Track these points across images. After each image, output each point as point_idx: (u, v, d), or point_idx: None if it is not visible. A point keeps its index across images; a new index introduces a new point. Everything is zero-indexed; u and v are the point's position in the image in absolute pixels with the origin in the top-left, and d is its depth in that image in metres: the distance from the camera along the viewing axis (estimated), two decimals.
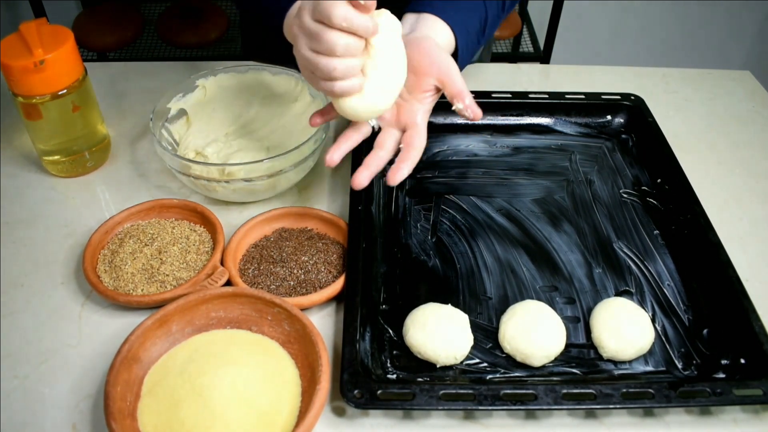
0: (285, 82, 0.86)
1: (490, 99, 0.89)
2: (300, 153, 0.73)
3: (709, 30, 2.26)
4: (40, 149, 0.80)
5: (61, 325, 0.65)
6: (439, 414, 0.59)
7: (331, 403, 0.60)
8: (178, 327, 0.61)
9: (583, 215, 0.78)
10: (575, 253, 0.73)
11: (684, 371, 0.62)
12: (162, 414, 0.55)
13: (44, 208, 0.78)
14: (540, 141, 0.88)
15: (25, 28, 0.72)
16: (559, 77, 1.02)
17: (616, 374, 0.62)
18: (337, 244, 0.72)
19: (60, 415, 0.58)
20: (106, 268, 0.68)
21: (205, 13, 1.88)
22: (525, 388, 0.57)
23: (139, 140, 0.87)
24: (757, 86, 1.02)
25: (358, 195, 0.73)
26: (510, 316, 0.64)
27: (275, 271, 0.68)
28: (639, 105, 0.89)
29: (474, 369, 0.62)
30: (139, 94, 0.95)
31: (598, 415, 0.59)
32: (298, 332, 0.60)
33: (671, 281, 0.70)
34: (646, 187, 0.81)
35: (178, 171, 0.74)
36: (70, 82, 0.75)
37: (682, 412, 0.59)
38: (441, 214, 0.77)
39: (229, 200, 0.78)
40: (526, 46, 2.00)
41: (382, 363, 0.62)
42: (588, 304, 0.68)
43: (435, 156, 0.85)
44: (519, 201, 0.79)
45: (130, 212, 0.73)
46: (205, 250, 0.71)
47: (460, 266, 0.72)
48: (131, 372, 0.57)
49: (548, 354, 0.62)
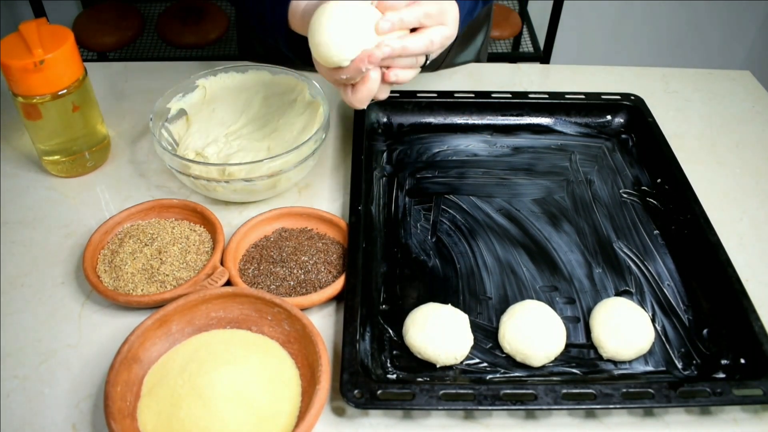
0: (285, 82, 0.86)
1: (490, 99, 0.89)
2: (300, 153, 0.74)
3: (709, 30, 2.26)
4: (40, 149, 0.80)
5: (61, 325, 0.65)
6: (439, 414, 0.59)
7: (331, 403, 0.60)
8: (178, 327, 0.61)
9: (583, 215, 0.78)
10: (575, 253, 0.73)
11: (684, 371, 0.62)
12: (162, 414, 0.56)
13: (44, 208, 0.78)
14: (540, 141, 0.88)
15: (25, 28, 0.72)
16: (559, 77, 1.02)
17: (616, 374, 0.62)
18: (337, 244, 0.72)
19: (60, 415, 0.58)
20: (106, 268, 0.68)
21: (205, 13, 1.88)
22: (525, 388, 0.57)
23: (139, 140, 0.87)
24: (757, 86, 1.02)
25: (358, 195, 0.73)
26: (510, 316, 0.64)
27: (275, 271, 0.68)
28: (639, 105, 0.89)
29: (474, 369, 0.62)
30: (139, 94, 0.95)
31: (598, 415, 0.59)
32: (298, 332, 0.60)
33: (671, 281, 0.70)
34: (646, 187, 0.81)
35: (178, 171, 0.74)
36: (70, 82, 0.75)
37: (682, 412, 0.59)
38: (441, 214, 0.77)
39: (229, 200, 0.78)
40: (526, 46, 2.00)
41: (382, 363, 0.62)
42: (588, 304, 0.68)
43: (435, 156, 0.85)
44: (519, 201, 0.79)
45: (130, 212, 0.73)
46: (205, 250, 0.71)
47: (460, 266, 0.72)
48: (131, 372, 0.57)
49: (548, 354, 0.62)
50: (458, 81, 0.99)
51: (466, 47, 1.02)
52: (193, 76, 0.84)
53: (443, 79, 0.99)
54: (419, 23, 0.61)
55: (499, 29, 1.94)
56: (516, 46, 2.02)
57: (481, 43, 1.04)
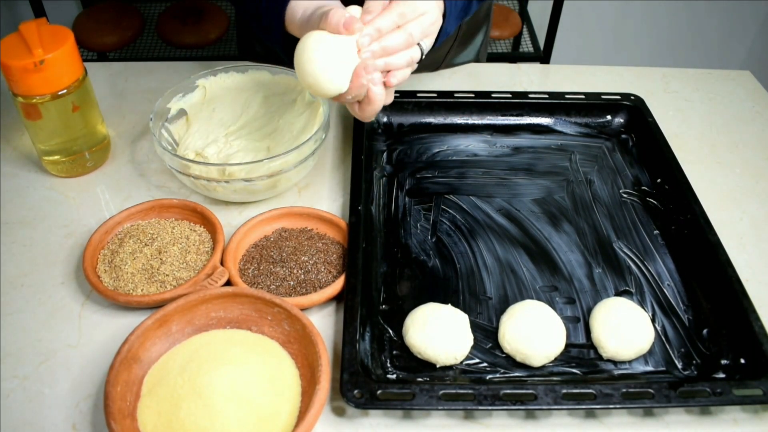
0: (285, 82, 0.86)
1: (490, 99, 0.89)
2: (300, 153, 0.74)
3: (709, 30, 2.26)
4: (40, 149, 0.80)
5: (61, 325, 0.66)
6: (439, 414, 0.59)
7: (331, 403, 0.60)
8: (178, 327, 0.61)
9: (583, 215, 0.78)
10: (575, 253, 0.73)
11: (684, 371, 0.62)
12: (162, 414, 0.56)
13: (44, 208, 0.78)
14: (540, 141, 0.88)
15: (25, 28, 0.72)
16: (559, 77, 1.02)
17: (616, 374, 0.62)
18: (337, 244, 0.72)
19: (60, 415, 0.58)
20: (106, 268, 0.68)
21: (205, 13, 1.88)
22: (525, 388, 0.57)
23: (139, 140, 0.87)
24: (757, 86, 1.02)
25: (358, 195, 0.73)
26: (510, 316, 0.64)
27: (275, 271, 0.68)
28: (639, 105, 0.89)
29: (474, 369, 0.62)
30: (139, 94, 0.95)
31: (598, 415, 0.59)
32: (298, 332, 0.60)
33: (671, 281, 0.70)
34: (646, 187, 0.81)
35: (178, 171, 0.74)
36: (70, 82, 0.75)
37: (682, 412, 0.59)
38: (441, 214, 0.77)
39: (229, 200, 0.78)
40: (526, 46, 2.00)
41: (382, 363, 0.62)
42: (588, 304, 0.68)
43: (435, 156, 0.85)
44: (519, 201, 0.79)
45: (130, 212, 0.73)
46: (205, 250, 0.71)
47: (460, 266, 0.72)
48: (131, 372, 0.58)
49: (548, 354, 0.62)
50: (458, 81, 0.99)
51: (466, 47, 1.03)
52: (193, 76, 0.84)
53: (443, 79, 0.99)
54: (397, 25, 0.63)
55: (499, 29, 1.94)
56: (516, 46, 2.02)
57: (480, 43, 1.05)
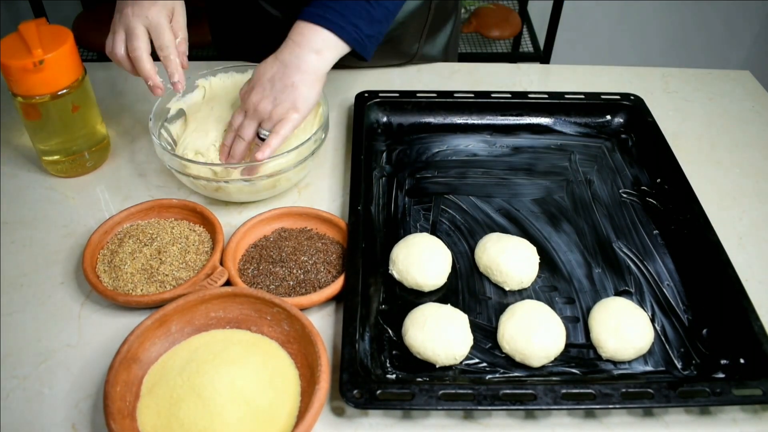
0: None
1: (490, 99, 0.89)
2: (300, 153, 0.74)
3: (709, 30, 2.26)
4: (39, 149, 0.80)
5: (61, 325, 0.66)
6: (438, 414, 0.59)
7: (330, 403, 0.60)
8: (178, 327, 0.61)
9: (583, 215, 0.78)
10: (575, 253, 0.73)
11: (683, 371, 0.62)
12: (161, 414, 0.56)
13: (44, 208, 0.78)
14: (539, 141, 0.88)
15: (25, 28, 0.72)
16: (559, 77, 1.02)
17: (615, 374, 0.62)
18: (336, 244, 0.72)
19: (60, 415, 0.58)
20: (105, 268, 0.68)
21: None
22: (524, 388, 0.57)
23: (138, 140, 0.87)
24: (757, 86, 1.02)
25: (358, 195, 0.73)
26: (509, 316, 0.64)
27: (275, 271, 0.68)
28: (639, 105, 0.89)
29: (473, 369, 0.62)
30: (139, 94, 0.95)
31: (597, 415, 0.59)
32: (298, 332, 0.60)
33: (671, 281, 0.70)
34: (645, 187, 0.81)
35: (178, 171, 0.74)
36: (70, 82, 0.75)
37: (681, 412, 0.59)
38: (440, 214, 0.77)
39: (228, 200, 0.78)
40: (526, 46, 2.00)
41: (381, 363, 0.62)
42: (587, 304, 0.68)
43: (434, 156, 0.85)
44: (518, 201, 0.79)
45: (130, 212, 0.73)
46: (205, 250, 0.71)
47: (459, 266, 0.72)
48: (130, 372, 0.58)
49: (547, 354, 0.62)
50: (458, 81, 0.99)
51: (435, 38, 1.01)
52: (192, 76, 0.84)
53: (443, 78, 0.99)
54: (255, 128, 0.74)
55: (499, 29, 1.94)
56: (516, 46, 2.02)
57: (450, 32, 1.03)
